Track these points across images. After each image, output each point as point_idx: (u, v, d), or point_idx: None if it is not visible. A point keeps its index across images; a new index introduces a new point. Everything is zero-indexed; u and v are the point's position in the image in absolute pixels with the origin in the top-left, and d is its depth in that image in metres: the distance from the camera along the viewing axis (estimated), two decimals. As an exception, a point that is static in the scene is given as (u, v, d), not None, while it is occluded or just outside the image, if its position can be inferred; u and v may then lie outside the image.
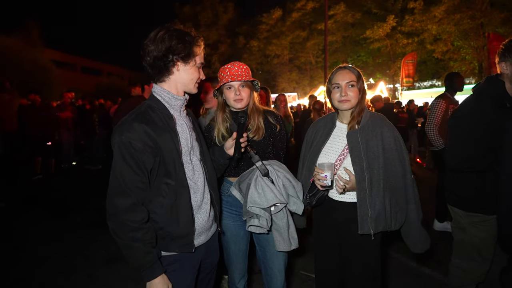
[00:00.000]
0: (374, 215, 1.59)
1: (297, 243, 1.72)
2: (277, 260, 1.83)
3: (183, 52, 1.31)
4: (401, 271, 3.02)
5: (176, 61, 1.32)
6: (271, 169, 1.69)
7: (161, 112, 1.35)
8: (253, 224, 1.64)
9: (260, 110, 1.82)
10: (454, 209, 2.06)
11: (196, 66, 1.39)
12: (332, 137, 1.78)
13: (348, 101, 1.66)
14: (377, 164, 1.61)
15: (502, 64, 1.79)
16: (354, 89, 1.66)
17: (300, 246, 1.79)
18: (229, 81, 1.70)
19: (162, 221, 1.31)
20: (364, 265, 1.72)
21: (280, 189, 1.66)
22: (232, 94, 1.73)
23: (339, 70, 1.73)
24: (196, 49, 1.36)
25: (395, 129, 1.71)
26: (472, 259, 1.98)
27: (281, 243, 1.69)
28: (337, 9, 21.43)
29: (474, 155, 1.80)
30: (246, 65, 1.80)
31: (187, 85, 1.40)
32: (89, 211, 4.73)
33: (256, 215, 1.64)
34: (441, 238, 3.67)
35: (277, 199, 1.62)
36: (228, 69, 1.73)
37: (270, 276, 1.85)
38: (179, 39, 1.31)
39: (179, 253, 1.38)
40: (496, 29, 15.49)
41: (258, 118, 1.78)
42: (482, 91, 1.90)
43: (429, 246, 1.74)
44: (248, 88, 1.76)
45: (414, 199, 1.69)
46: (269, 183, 1.65)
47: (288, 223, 1.72)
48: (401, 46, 19.72)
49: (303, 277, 2.90)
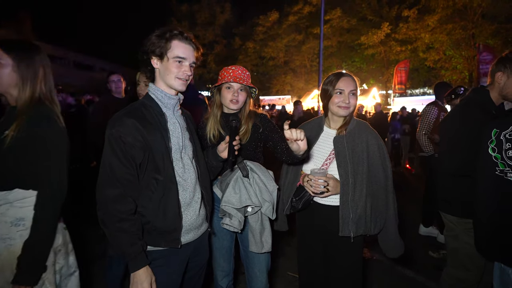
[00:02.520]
0: (356, 218, 1.64)
1: (270, 247, 1.76)
2: (257, 260, 1.86)
3: (156, 48, 1.37)
4: (385, 274, 3.08)
5: (152, 58, 1.40)
6: (251, 171, 1.74)
7: (153, 110, 1.40)
8: (224, 222, 1.70)
9: (252, 116, 1.87)
10: (447, 216, 2.08)
11: (173, 60, 1.38)
12: (319, 142, 1.82)
13: (347, 108, 1.70)
14: (362, 169, 1.67)
15: (498, 74, 1.80)
16: (355, 97, 1.72)
17: (288, 247, 1.82)
18: (231, 81, 1.76)
19: (149, 215, 1.34)
20: (347, 267, 1.76)
21: (255, 191, 1.70)
22: (230, 95, 1.79)
23: (343, 76, 1.73)
24: (170, 44, 1.37)
25: (379, 137, 1.77)
26: (465, 268, 1.98)
27: (253, 244, 1.74)
28: (333, 14, 21.63)
29: (471, 158, 1.83)
30: (249, 71, 1.87)
31: (167, 80, 1.42)
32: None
33: (229, 214, 1.69)
34: (426, 243, 3.76)
35: (251, 201, 1.67)
36: (232, 70, 1.79)
37: (251, 276, 1.89)
38: (157, 36, 1.37)
39: (166, 249, 1.40)
40: (487, 40, 15.87)
41: (249, 123, 1.83)
42: (469, 100, 1.99)
43: (403, 251, 1.79)
44: (245, 92, 1.82)
45: (394, 206, 1.74)
46: (247, 184, 1.70)
47: (263, 226, 1.75)
48: (394, 53, 20.01)
49: (290, 278, 2.93)
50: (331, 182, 1.65)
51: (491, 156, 1.52)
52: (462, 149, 1.88)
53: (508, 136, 1.47)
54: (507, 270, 1.52)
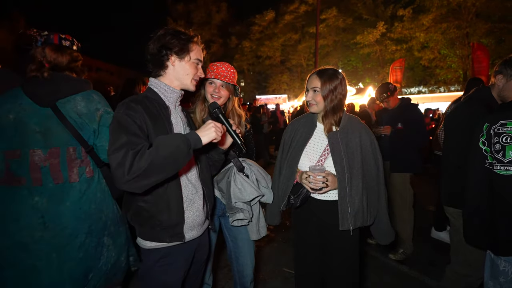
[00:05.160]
0: (354, 212, 1.68)
1: (266, 231, 1.90)
2: (248, 248, 1.94)
3: (177, 47, 1.38)
4: (379, 269, 3.12)
5: (170, 56, 1.39)
6: (245, 165, 1.82)
7: (156, 102, 1.40)
8: (238, 218, 1.75)
9: (239, 114, 1.94)
10: (450, 209, 2.13)
11: (192, 61, 1.44)
12: (313, 138, 1.84)
13: (314, 105, 1.75)
14: (357, 164, 1.70)
15: (499, 76, 1.86)
16: (318, 94, 1.72)
17: (283, 243, 1.87)
18: (212, 77, 1.81)
19: (152, 209, 1.35)
20: (344, 260, 1.79)
21: (254, 182, 1.79)
22: (211, 90, 1.84)
23: (309, 76, 1.78)
24: (191, 46, 1.42)
25: (371, 132, 1.81)
26: (468, 264, 2.01)
27: (254, 232, 1.85)
28: (329, 13, 21.67)
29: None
30: (235, 69, 1.91)
31: (183, 80, 1.44)
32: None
33: (241, 209, 1.74)
34: (420, 239, 3.80)
35: (257, 193, 1.75)
36: (217, 67, 1.84)
37: (242, 265, 1.95)
38: (174, 35, 1.38)
39: (173, 246, 1.41)
40: (481, 39, 16.00)
41: (237, 121, 1.89)
42: (471, 97, 2.09)
43: (393, 238, 1.88)
44: (227, 90, 1.86)
45: (385, 197, 1.80)
46: (246, 178, 1.76)
47: (259, 213, 1.87)
48: (390, 52, 20.09)
49: (286, 274, 2.96)
50: (330, 177, 1.68)
51: (482, 149, 1.57)
52: (464, 141, 1.92)
53: (496, 130, 1.51)
54: (496, 261, 1.56)
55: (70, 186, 1.43)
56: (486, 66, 10.41)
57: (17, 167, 1.37)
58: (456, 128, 2.10)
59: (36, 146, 1.38)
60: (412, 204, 3.31)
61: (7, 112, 1.39)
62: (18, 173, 1.38)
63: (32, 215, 1.37)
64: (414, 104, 3.45)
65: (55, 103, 1.42)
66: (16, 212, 1.36)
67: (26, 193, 1.37)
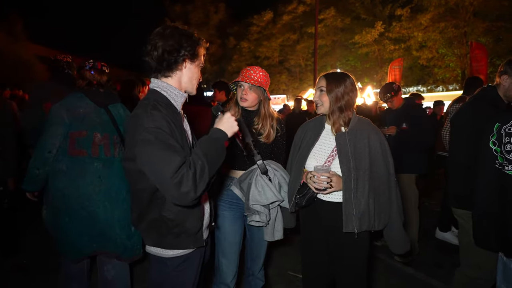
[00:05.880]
0: (359, 214, 1.65)
1: (282, 235, 1.92)
2: (263, 243, 2.03)
3: (192, 50, 1.34)
4: (385, 271, 3.10)
5: (186, 57, 1.33)
6: (270, 168, 1.85)
7: (169, 108, 1.31)
8: (254, 219, 1.80)
9: (272, 116, 1.98)
10: (458, 211, 2.09)
11: (199, 66, 1.42)
12: (321, 139, 1.82)
13: (320, 106, 1.77)
14: (364, 165, 1.67)
15: (505, 77, 1.87)
16: (324, 94, 1.73)
17: (288, 246, 1.86)
18: (239, 81, 1.89)
19: (177, 217, 1.32)
20: (352, 263, 1.77)
21: (276, 186, 1.82)
22: (240, 93, 1.91)
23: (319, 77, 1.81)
24: (200, 50, 1.39)
25: (381, 133, 1.80)
26: (478, 267, 1.96)
27: (269, 234, 1.89)
28: (327, 13, 21.69)
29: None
30: (266, 72, 1.93)
31: (190, 83, 1.40)
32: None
33: (257, 212, 1.77)
34: (424, 239, 3.78)
35: (276, 197, 1.77)
36: (246, 70, 1.91)
37: (255, 256, 2.07)
38: (188, 37, 1.33)
39: (192, 251, 1.41)
40: (478, 38, 16.05)
41: (269, 124, 1.93)
42: (477, 97, 2.08)
43: (408, 248, 1.82)
44: (255, 93, 1.89)
45: (397, 202, 1.75)
46: (268, 181, 1.79)
47: (276, 217, 1.90)
48: (388, 52, 20.13)
49: (291, 278, 2.93)
50: (334, 178, 1.66)
51: (492, 149, 1.55)
52: (473, 141, 1.89)
53: (507, 130, 1.49)
54: (509, 263, 1.54)
55: (114, 159, 2.08)
56: (484, 64, 10.45)
57: (82, 143, 2.00)
58: (464, 128, 2.08)
59: (97, 130, 2.03)
60: (417, 205, 3.29)
61: (79, 107, 2.03)
62: (82, 147, 2.00)
63: (93, 174, 2.00)
64: (419, 104, 3.43)
65: (107, 106, 2.11)
66: (84, 172, 1.99)
67: (89, 160, 2.00)
